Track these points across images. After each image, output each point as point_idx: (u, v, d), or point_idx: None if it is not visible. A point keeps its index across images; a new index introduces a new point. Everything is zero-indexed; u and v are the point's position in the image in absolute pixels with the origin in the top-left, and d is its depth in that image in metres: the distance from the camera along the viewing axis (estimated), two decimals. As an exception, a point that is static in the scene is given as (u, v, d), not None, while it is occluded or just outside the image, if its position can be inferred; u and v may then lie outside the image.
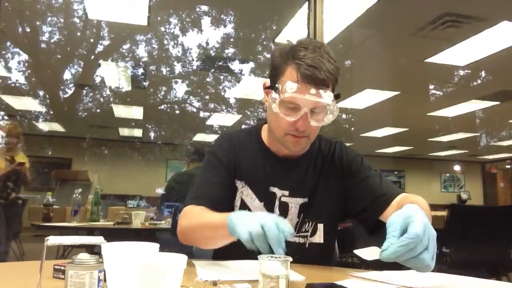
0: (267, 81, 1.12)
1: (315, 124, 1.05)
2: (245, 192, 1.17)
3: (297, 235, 1.15)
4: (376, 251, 0.75)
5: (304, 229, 1.16)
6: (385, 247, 0.73)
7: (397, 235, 0.73)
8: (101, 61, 6.43)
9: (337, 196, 1.18)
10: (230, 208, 1.16)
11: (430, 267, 0.74)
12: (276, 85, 1.05)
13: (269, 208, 1.15)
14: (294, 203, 1.16)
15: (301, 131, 1.06)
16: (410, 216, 0.75)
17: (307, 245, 1.15)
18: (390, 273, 0.95)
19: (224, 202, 1.14)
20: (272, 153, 1.20)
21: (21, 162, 3.75)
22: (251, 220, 0.81)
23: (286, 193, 1.16)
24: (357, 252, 0.78)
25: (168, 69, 7.02)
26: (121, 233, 2.86)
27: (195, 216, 1.08)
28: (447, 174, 13.91)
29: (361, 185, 1.15)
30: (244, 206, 1.16)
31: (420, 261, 0.73)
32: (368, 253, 0.76)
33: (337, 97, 1.06)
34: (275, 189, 1.16)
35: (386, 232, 0.77)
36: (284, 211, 1.15)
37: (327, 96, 1.01)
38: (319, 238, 1.16)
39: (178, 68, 6.94)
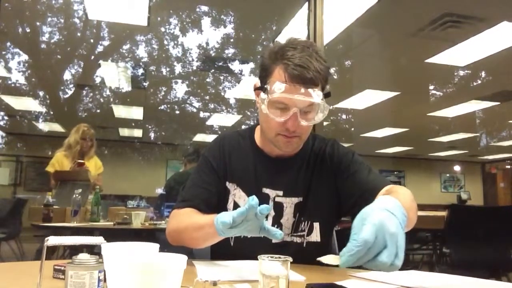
0: (258, 82, 1.12)
1: (306, 123, 1.05)
2: (237, 194, 1.17)
3: (294, 235, 1.15)
4: (336, 258, 0.74)
5: (300, 229, 1.16)
6: (341, 254, 0.72)
7: (357, 238, 0.71)
8: (101, 62, 6.43)
9: (331, 194, 1.18)
10: (222, 211, 1.16)
11: (395, 266, 0.70)
12: (265, 86, 1.05)
13: None
14: (289, 203, 1.16)
15: (291, 131, 1.06)
16: (365, 219, 0.73)
17: (304, 245, 1.15)
18: (390, 273, 0.95)
19: (212, 205, 1.15)
20: (264, 154, 1.20)
21: (80, 163, 3.50)
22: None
23: (280, 193, 1.16)
24: (320, 259, 0.78)
25: (168, 69, 7.02)
26: (121, 233, 2.86)
27: (183, 219, 1.10)
28: (447, 174, 13.90)
29: (350, 180, 1.14)
30: (236, 208, 1.16)
31: (378, 264, 0.70)
32: (329, 259, 0.76)
33: (327, 96, 1.06)
34: (267, 190, 1.16)
35: None
36: (279, 211, 1.15)
37: (316, 95, 1.01)
38: (316, 236, 1.16)
39: (178, 68, 6.95)
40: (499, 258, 2.71)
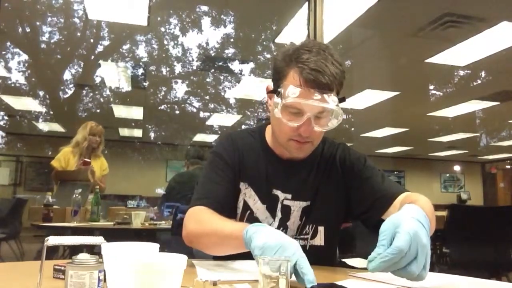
0: (271, 85, 1.10)
1: (319, 129, 1.03)
2: (248, 194, 1.16)
3: (298, 237, 1.15)
4: (363, 262, 0.75)
5: (304, 232, 1.15)
6: (371, 258, 0.73)
7: (386, 244, 0.72)
8: (101, 61, 6.43)
9: (339, 198, 1.17)
10: (234, 209, 1.16)
11: (422, 277, 0.73)
12: (279, 89, 1.03)
13: (272, 211, 1.15)
14: (297, 207, 1.15)
15: (304, 137, 1.04)
16: (398, 226, 0.73)
17: (307, 248, 1.14)
18: (390, 273, 0.95)
19: (230, 203, 1.13)
20: (275, 155, 1.19)
21: (85, 161, 3.36)
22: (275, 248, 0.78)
23: (289, 196, 1.15)
24: (346, 260, 0.79)
25: (168, 69, 7.02)
26: (121, 233, 2.86)
27: (204, 221, 1.04)
28: (447, 174, 13.90)
29: (363, 186, 1.13)
30: (246, 207, 1.16)
31: (407, 273, 0.72)
32: (356, 262, 0.77)
33: (342, 101, 1.04)
34: (277, 192, 1.15)
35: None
36: (286, 214, 1.15)
37: (331, 101, 0.99)
38: (319, 240, 1.15)
39: (178, 68, 6.95)
40: (499, 258, 2.71)
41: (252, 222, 1.10)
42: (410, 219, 0.75)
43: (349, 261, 0.80)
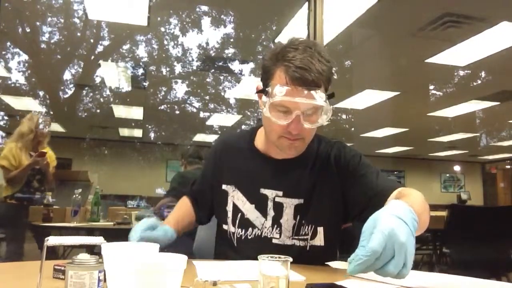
0: (260, 84, 1.10)
1: (309, 126, 1.03)
2: (236, 196, 1.17)
3: (296, 238, 1.13)
4: (345, 264, 0.75)
5: (303, 232, 1.13)
6: (349, 260, 0.72)
7: (365, 245, 0.71)
8: (101, 61, 6.43)
9: (336, 198, 1.15)
10: (222, 212, 1.19)
11: (402, 275, 0.71)
12: (267, 89, 1.03)
13: (262, 210, 1.14)
14: (289, 204, 1.14)
15: (294, 134, 1.04)
16: (375, 226, 0.72)
17: (308, 248, 1.14)
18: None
19: (206, 202, 1.29)
20: (263, 156, 1.19)
21: (42, 152, 3.19)
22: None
23: (280, 193, 1.14)
24: (330, 263, 0.78)
25: (168, 69, 7.02)
26: (121, 233, 2.85)
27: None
28: (447, 174, 13.91)
29: (358, 184, 1.12)
30: (236, 210, 1.17)
31: (386, 273, 0.71)
32: (338, 265, 0.77)
33: (331, 97, 1.03)
34: (266, 191, 1.15)
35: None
36: (278, 212, 1.14)
37: (318, 97, 0.98)
38: (319, 241, 1.14)
39: (178, 68, 6.95)
40: (499, 258, 2.72)
41: (244, 224, 1.14)
42: (388, 216, 0.73)
43: (332, 264, 0.79)
